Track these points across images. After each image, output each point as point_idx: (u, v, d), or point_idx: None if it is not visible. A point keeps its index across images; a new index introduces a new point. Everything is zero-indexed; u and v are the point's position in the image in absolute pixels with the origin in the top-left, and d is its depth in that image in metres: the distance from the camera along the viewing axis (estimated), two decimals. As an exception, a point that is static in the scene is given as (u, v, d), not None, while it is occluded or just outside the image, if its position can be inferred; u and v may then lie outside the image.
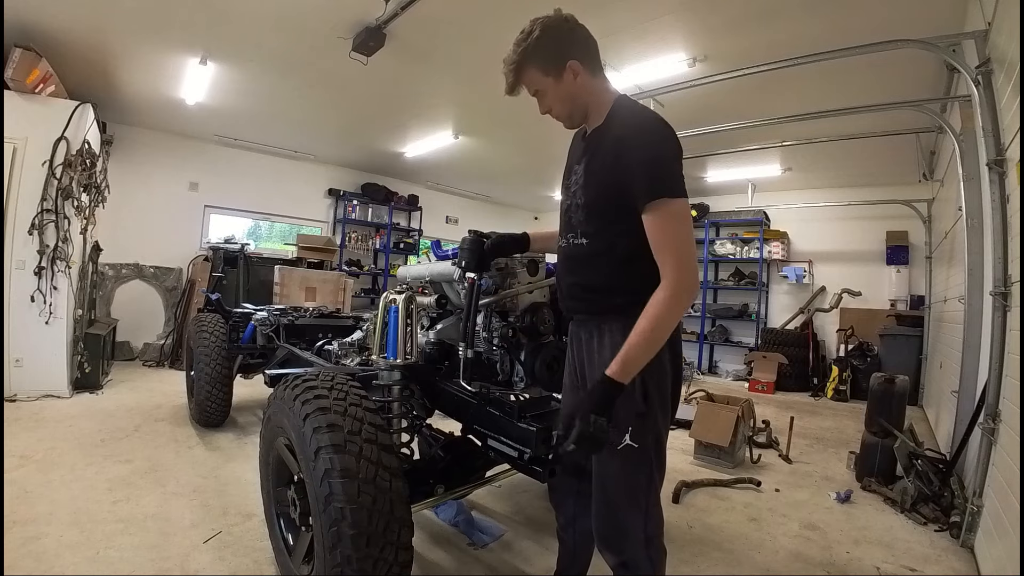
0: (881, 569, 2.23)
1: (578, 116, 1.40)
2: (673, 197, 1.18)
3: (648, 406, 1.25)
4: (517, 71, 1.34)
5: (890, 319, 6.55)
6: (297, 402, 1.52)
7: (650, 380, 1.25)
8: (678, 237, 1.18)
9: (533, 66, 1.32)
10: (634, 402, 1.24)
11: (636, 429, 1.25)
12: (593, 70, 1.35)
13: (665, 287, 1.17)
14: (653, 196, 1.18)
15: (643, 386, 1.24)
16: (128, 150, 6.18)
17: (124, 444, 3.16)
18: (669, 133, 1.25)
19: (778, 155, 6.15)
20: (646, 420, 1.26)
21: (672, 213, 1.18)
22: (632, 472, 1.27)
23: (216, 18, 3.73)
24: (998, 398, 2.29)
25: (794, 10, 3.27)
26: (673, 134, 1.26)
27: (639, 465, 1.27)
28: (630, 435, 1.24)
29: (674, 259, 1.17)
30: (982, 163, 2.59)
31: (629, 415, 1.24)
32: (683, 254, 1.18)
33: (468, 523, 2.34)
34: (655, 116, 1.30)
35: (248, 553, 2.03)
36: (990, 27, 2.56)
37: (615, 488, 1.29)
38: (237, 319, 3.91)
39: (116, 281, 6.26)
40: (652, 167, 1.19)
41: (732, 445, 3.40)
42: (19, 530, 2.04)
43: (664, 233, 1.18)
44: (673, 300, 1.17)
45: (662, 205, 1.17)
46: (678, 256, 1.17)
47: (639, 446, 1.25)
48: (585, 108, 1.37)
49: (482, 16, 3.58)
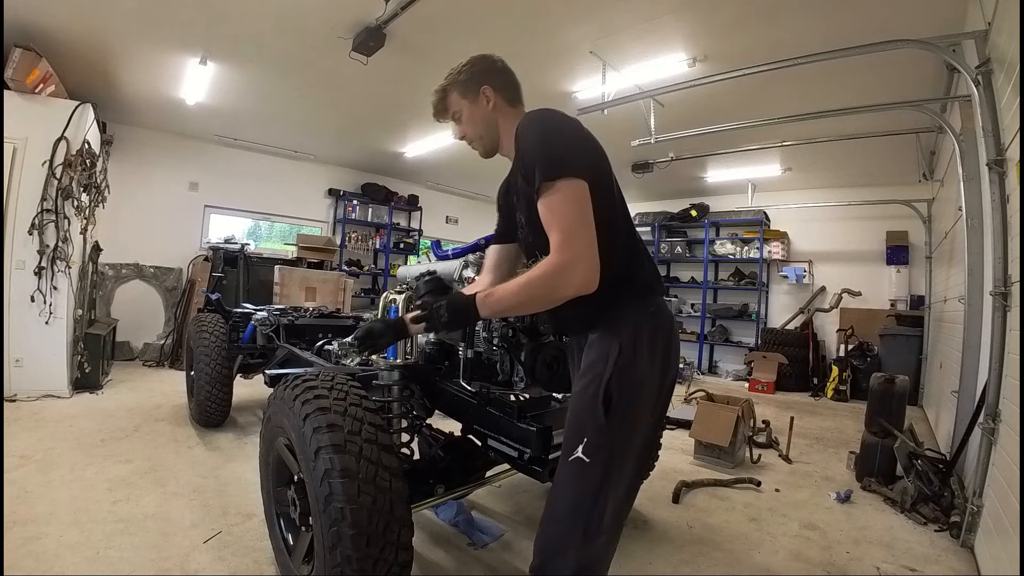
0: (881, 569, 2.23)
1: (489, 141, 1.44)
2: (560, 178, 1.13)
3: (610, 419, 1.14)
4: (442, 95, 1.45)
5: (890, 319, 6.55)
6: (297, 402, 1.52)
7: (618, 388, 1.15)
8: (562, 214, 1.12)
9: (455, 90, 1.43)
10: (594, 411, 1.14)
11: (591, 442, 1.14)
12: (510, 100, 1.43)
13: (546, 261, 1.13)
14: (541, 181, 1.14)
15: (606, 393, 1.14)
16: (128, 150, 6.18)
17: (124, 444, 3.16)
18: (552, 116, 1.23)
19: (778, 155, 6.15)
20: (604, 434, 1.15)
21: (556, 191, 1.13)
22: (578, 488, 1.15)
23: (216, 18, 3.73)
24: (998, 398, 2.29)
25: (794, 10, 3.27)
26: (558, 117, 1.24)
27: (587, 482, 1.14)
28: (583, 447, 1.14)
29: (558, 235, 1.11)
30: (982, 163, 2.59)
31: (586, 425, 1.16)
32: (567, 231, 1.11)
33: (468, 523, 2.34)
34: (544, 109, 1.27)
35: (248, 553, 2.03)
36: (990, 27, 2.56)
37: (558, 499, 1.18)
38: (237, 319, 3.91)
39: (116, 281, 6.26)
40: (536, 154, 1.18)
41: (732, 445, 3.40)
42: (19, 530, 2.04)
43: (549, 211, 1.14)
44: (548, 275, 1.12)
45: (549, 187, 1.14)
46: (561, 232, 1.11)
47: (590, 461, 1.13)
48: (497, 135, 1.42)
49: (482, 16, 3.59)
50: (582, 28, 3.66)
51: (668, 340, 1.25)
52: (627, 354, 1.17)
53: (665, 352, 1.23)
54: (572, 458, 1.15)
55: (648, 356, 1.19)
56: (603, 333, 1.22)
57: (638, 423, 1.19)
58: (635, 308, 1.23)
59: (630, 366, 1.17)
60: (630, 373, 1.17)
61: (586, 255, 1.11)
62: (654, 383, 1.21)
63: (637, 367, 1.18)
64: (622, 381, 1.16)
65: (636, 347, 1.18)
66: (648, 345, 1.19)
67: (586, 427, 1.16)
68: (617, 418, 1.15)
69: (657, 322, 1.24)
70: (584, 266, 1.11)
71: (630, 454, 1.19)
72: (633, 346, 1.18)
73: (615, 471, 1.15)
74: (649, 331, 1.21)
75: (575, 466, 1.15)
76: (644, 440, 1.24)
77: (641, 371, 1.18)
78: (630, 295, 1.24)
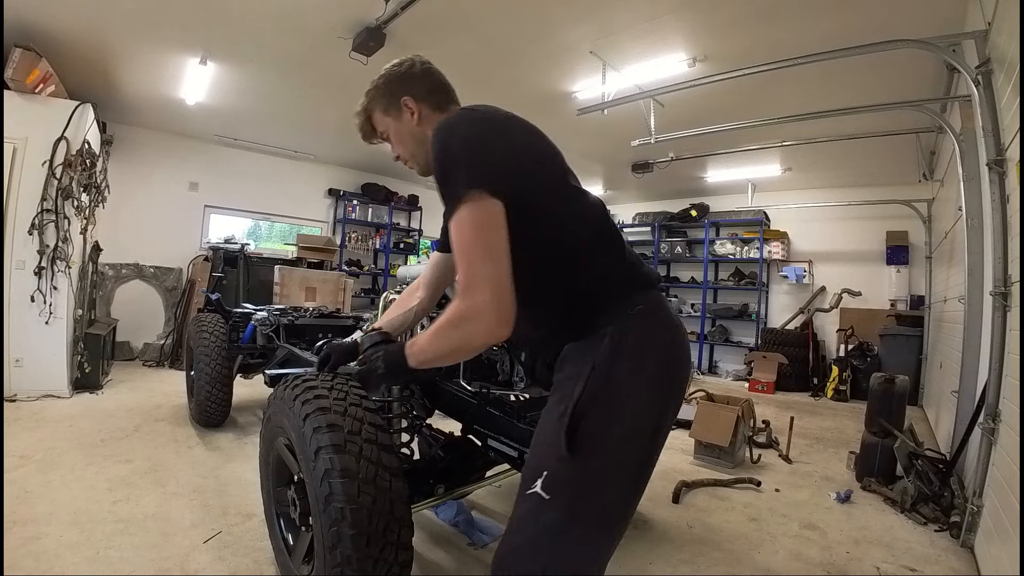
0: (881, 569, 2.23)
1: (423, 158, 1.25)
2: (464, 200, 0.95)
3: (575, 450, 0.93)
4: (365, 116, 1.32)
5: (890, 319, 6.55)
6: (297, 402, 1.52)
7: (589, 414, 0.95)
8: (464, 246, 0.95)
9: (377, 109, 1.29)
10: (556, 441, 0.95)
11: (552, 476, 0.95)
12: (437, 106, 1.26)
13: (449, 308, 0.98)
14: (446, 202, 1.00)
15: (572, 420, 0.95)
16: (128, 150, 6.18)
17: (124, 444, 3.16)
18: (463, 120, 1.06)
19: (778, 155, 6.15)
20: (568, 469, 0.94)
21: (459, 216, 0.96)
22: (536, 524, 0.95)
23: (216, 18, 3.73)
24: (998, 398, 2.29)
25: (794, 10, 3.27)
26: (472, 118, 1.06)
27: (545, 521, 0.94)
28: (542, 482, 0.95)
29: (459, 275, 0.96)
30: (982, 163, 2.59)
31: (546, 456, 0.97)
32: (467, 271, 0.95)
33: (468, 523, 2.34)
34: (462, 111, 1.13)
35: (248, 553, 2.03)
36: (990, 27, 2.56)
37: (514, 530, 0.99)
38: (237, 319, 3.91)
39: (116, 281, 6.26)
40: (440, 170, 1.01)
41: (732, 445, 3.40)
42: (19, 530, 2.04)
43: (453, 241, 0.97)
44: (451, 325, 0.98)
45: (454, 209, 0.97)
46: (462, 272, 0.95)
47: (550, 498, 0.93)
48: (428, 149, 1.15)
49: (482, 16, 3.59)
50: (582, 28, 3.66)
51: (665, 341, 1.05)
52: (602, 372, 0.98)
53: (661, 358, 1.03)
54: (529, 492, 0.96)
55: (632, 369, 0.99)
56: (575, 347, 1.06)
57: (621, 453, 0.98)
58: (613, 313, 1.03)
59: (607, 386, 0.97)
60: (607, 394, 0.97)
61: (489, 303, 0.93)
62: (646, 399, 1.00)
63: (616, 387, 0.98)
64: (595, 405, 0.96)
65: (615, 361, 0.99)
66: (633, 356, 0.99)
67: (547, 458, 0.97)
68: (586, 450, 0.94)
69: (646, 323, 1.04)
70: (486, 317, 0.94)
71: (608, 488, 0.97)
72: (611, 360, 0.98)
73: (584, 511, 0.95)
74: (634, 338, 1.01)
75: (533, 502, 0.96)
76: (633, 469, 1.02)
77: (623, 390, 0.98)
78: (603, 298, 1.06)
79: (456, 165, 0.99)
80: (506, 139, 1.05)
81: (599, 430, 0.95)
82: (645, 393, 1.00)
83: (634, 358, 1.00)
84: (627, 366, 0.99)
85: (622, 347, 0.99)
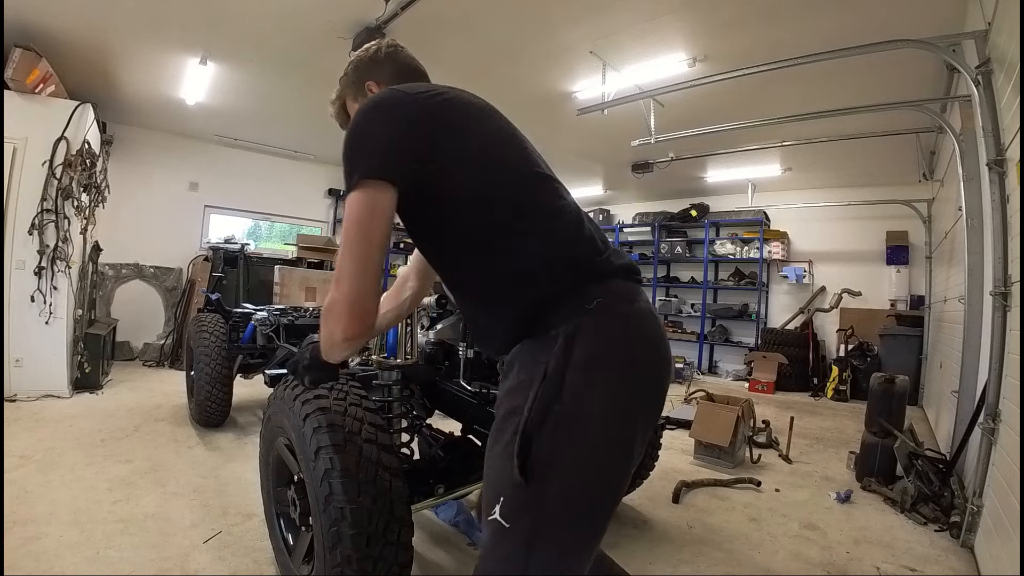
0: (881, 569, 2.23)
1: None
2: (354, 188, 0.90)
3: (528, 477, 0.82)
4: (339, 103, 1.31)
5: (890, 319, 6.55)
6: (297, 402, 1.53)
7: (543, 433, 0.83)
8: (344, 240, 0.90)
9: (348, 96, 1.28)
10: (508, 466, 0.84)
11: (509, 503, 0.84)
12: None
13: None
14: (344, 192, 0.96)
15: (523, 444, 0.82)
16: (128, 150, 6.19)
17: (124, 444, 3.16)
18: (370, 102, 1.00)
19: (778, 155, 6.15)
20: (524, 495, 0.83)
21: (346, 208, 0.91)
22: (498, 554, 0.87)
23: (216, 18, 3.73)
24: (998, 398, 2.29)
25: (794, 10, 3.27)
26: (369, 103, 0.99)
27: (507, 548, 0.86)
28: (500, 508, 0.85)
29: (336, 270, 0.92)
30: (982, 163, 2.59)
31: (500, 481, 0.86)
32: (338, 265, 0.90)
33: (468, 523, 2.34)
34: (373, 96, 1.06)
35: (248, 553, 2.03)
36: (990, 27, 2.56)
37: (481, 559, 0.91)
38: (237, 319, 3.91)
39: (116, 281, 6.26)
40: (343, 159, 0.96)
41: (732, 445, 3.40)
42: (19, 530, 2.04)
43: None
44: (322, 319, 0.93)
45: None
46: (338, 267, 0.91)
47: (509, 526, 0.84)
48: None
49: (482, 16, 3.59)
50: (582, 28, 3.66)
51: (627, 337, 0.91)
52: (555, 380, 0.85)
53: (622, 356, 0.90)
54: (490, 518, 0.86)
55: (589, 375, 0.86)
56: (524, 349, 0.93)
57: (581, 473, 0.85)
58: (567, 309, 0.90)
59: (560, 397, 0.84)
60: (561, 407, 0.84)
61: (342, 301, 0.88)
62: (609, 408, 0.87)
63: (572, 397, 0.84)
64: (548, 421, 0.84)
65: (568, 366, 0.85)
66: (589, 358, 0.86)
67: (501, 483, 0.86)
68: (540, 475, 0.82)
69: (603, 319, 0.89)
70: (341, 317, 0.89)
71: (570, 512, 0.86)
72: (564, 365, 0.85)
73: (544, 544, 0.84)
74: (590, 337, 0.87)
75: (493, 530, 0.86)
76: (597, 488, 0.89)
77: (581, 401, 0.85)
78: (545, 289, 0.92)
79: (347, 153, 0.93)
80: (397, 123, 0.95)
81: (554, 451, 0.84)
82: (607, 401, 0.87)
83: (591, 361, 0.86)
84: (583, 371, 0.86)
85: (576, 349, 0.86)
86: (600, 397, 0.86)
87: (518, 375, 0.91)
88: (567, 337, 0.87)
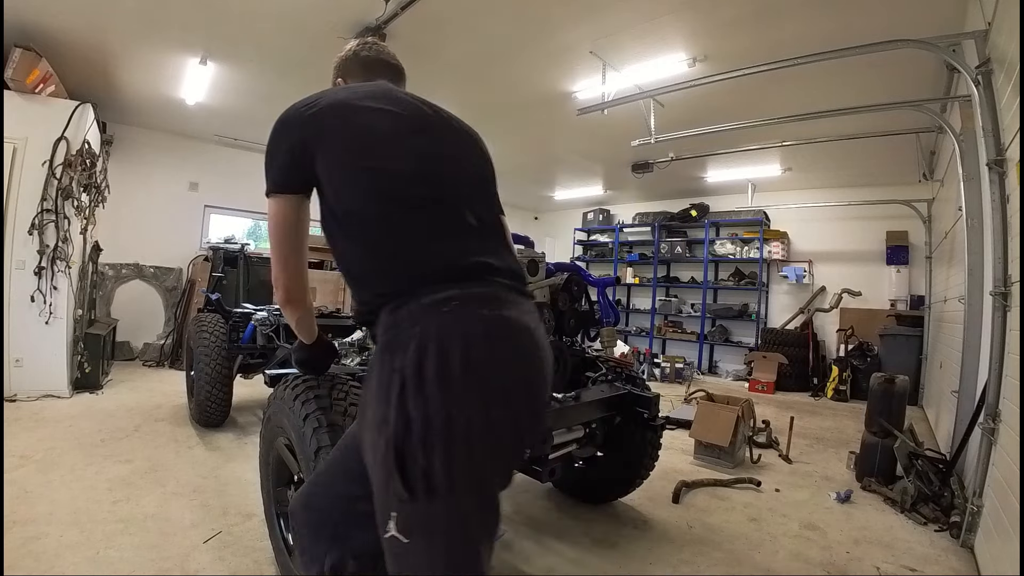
0: (881, 569, 2.23)
1: None
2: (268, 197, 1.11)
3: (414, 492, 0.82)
4: None
5: (890, 319, 6.55)
6: (297, 402, 1.53)
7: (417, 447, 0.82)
8: (269, 241, 1.15)
9: None
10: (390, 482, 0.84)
11: (402, 520, 0.85)
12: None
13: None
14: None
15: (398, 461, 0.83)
16: (128, 150, 6.18)
17: (124, 444, 3.16)
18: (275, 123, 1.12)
19: (778, 155, 6.15)
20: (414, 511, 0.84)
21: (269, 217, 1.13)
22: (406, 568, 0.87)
23: (216, 18, 3.73)
24: (998, 398, 2.29)
25: (794, 10, 3.27)
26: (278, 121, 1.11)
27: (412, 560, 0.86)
28: (395, 524, 0.84)
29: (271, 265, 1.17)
30: (982, 163, 2.60)
31: (388, 498, 0.86)
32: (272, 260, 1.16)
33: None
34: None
35: (248, 553, 2.03)
36: (990, 27, 2.56)
37: None
38: (237, 319, 3.91)
39: (116, 281, 6.26)
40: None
41: (732, 445, 3.40)
42: (19, 530, 2.04)
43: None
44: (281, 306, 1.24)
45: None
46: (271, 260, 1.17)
47: (408, 542, 0.84)
48: None
49: (482, 16, 3.58)
50: (582, 28, 3.66)
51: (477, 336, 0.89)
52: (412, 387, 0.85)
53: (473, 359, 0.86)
54: (387, 535, 0.85)
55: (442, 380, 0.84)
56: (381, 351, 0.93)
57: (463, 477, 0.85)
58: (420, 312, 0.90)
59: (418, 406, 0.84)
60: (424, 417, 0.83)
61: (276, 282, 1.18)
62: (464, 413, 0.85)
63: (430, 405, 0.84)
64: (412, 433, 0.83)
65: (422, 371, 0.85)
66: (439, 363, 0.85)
67: (388, 500, 0.86)
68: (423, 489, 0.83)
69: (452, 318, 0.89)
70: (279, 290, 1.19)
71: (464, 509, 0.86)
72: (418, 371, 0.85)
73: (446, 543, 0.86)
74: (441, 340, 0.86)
75: (393, 544, 0.85)
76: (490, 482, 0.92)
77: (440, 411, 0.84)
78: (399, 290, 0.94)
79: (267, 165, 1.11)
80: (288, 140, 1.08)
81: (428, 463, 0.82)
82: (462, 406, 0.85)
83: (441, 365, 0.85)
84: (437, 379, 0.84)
85: (428, 353, 0.85)
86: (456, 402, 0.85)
87: (378, 378, 0.91)
88: (419, 341, 0.87)
